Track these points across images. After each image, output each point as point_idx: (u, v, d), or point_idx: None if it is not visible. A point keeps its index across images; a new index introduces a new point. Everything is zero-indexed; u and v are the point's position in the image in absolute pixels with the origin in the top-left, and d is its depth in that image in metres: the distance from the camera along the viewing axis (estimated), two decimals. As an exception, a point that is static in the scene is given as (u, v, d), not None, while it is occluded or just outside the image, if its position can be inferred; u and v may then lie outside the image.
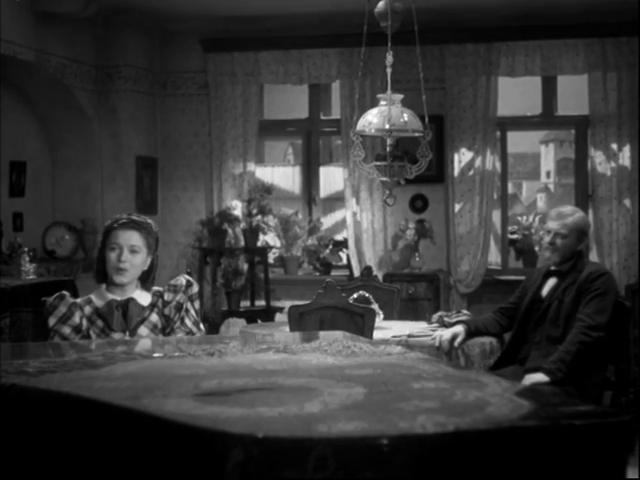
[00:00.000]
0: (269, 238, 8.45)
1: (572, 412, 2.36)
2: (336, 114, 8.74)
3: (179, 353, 3.26)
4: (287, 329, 5.72)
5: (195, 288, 3.95)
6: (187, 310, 3.91)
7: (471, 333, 5.34)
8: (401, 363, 3.07)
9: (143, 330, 3.86)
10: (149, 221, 3.92)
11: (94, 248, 7.95)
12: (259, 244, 8.10)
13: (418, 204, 8.17)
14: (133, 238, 3.82)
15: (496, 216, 8.24)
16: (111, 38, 8.09)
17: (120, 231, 3.82)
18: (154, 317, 3.89)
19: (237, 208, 8.04)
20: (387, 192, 5.80)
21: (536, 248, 8.28)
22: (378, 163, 5.75)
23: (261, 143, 8.70)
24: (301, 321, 5.14)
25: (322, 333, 3.85)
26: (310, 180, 8.69)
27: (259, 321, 7.91)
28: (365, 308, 5.17)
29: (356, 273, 8.08)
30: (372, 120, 5.70)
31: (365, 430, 2.15)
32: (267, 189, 7.92)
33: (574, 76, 8.00)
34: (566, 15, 7.72)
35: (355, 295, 5.61)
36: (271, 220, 8.12)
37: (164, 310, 3.89)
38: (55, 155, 8.15)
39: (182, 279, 3.94)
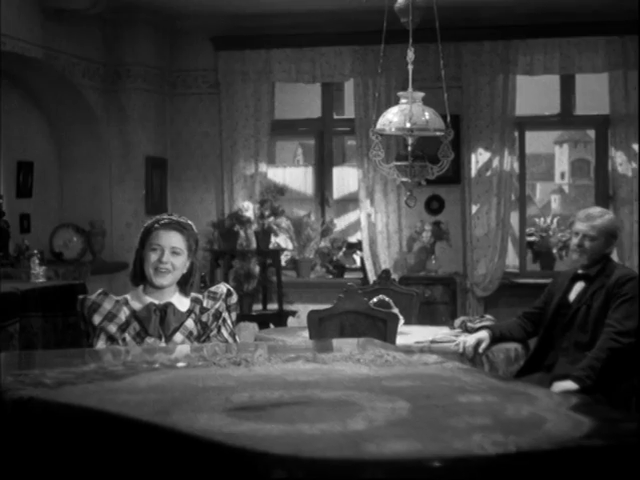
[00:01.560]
0: (281, 240, 8.28)
1: (637, 429, 2.20)
2: (349, 113, 8.57)
3: (203, 362, 3.09)
4: (304, 334, 5.57)
5: (234, 298, 3.81)
6: (224, 320, 3.77)
7: (496, 339, 5.19)
8: (440, 374, 2.91)
9: (178, 336, 3.71)
10: (190, 222, 3.78)
11: (102, 250, 7.80)
12: (271, 246, 7.92)
13: (434, 205, 7.99)
14: (175, 239, 3.67)
15: (514, 218, 8.06)
16: (120, 36, 7.92)
17: (162, 231, 3.66)
18: (190, 323, 3.73)
19: (249, 210, 7.86)
20: (408, 193, 5.63)
21: (554, 250, 8.11)
22: (398, 163, 5.59)
23: (272, 143, 8.51)
24: (321, 327, 4.97)
25: (349, 340, 3.68)
26: (323, 181, 8.51)
27: (271, 325, 7.74)
28: (388, 313, 5.00)
29: (370, 276, 7.91)
30: (392, 119, 5.54)
31: (419, 451, 1.99)
32: (280, 190, 7.75)
33: (592, 75, 7.83)
34: (586, 12, 7.54)
35: (375, 299, 5.43)
36: (284, 222, 7.95)
37: (201, 317, 3.75)
38: (63, 155, 7.98)
39: (223, 287, 3.81)
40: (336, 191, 8.59)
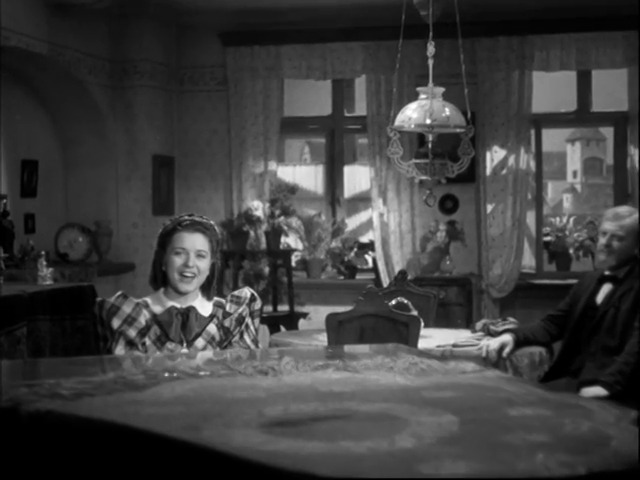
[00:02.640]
0: (291, 240, 8.10)
1: None
2: (360, 111, 8.39)
3: (228, 371, 2.91)
4: (321, 338, 5.40)
5: (258, 304, 3.65)
6: (247, 325, 3.59)
7: (519, 343, 5.03)
8: (482, 383, 2.74)
9: (200, 342, 3.53)
10: (212, 222, 3.61)
11: (108, 251, 7.62)
12: (280, 247, 7.74)
13: (448, 205, 7.81)
14: (199, 242, 3.48)
15: (530, 217, 7.87)
16: (127, 31, 7.75)
17: (185, 234, 3.47)
18: (212, 328, 3.55)
19: (259, 209, 7.68)
20: (427, 192, 5.46)
21: (570, 251, 7.93)
22: (418, 161, 5.41)
23: (281, 141, 8.31)
24: (340, 330, 4.80)
25: (377, 346, 3.50)
26: (334, 180, 8.33)
27: (282, 327, 7.56)
28: (409, 316, 4.83)
29: (383, 277, 7.74)
30: (412, 115, 5.37)
31: (479, 473, 1.81)
32: (291, 189, 7.57)
33: (609, 70, 7.65)
34: (603, 6, 7.36)
35: (393, 301, 5.25)
36: (295, 222, 7.76)
37: (224, 322, 3.57)
38: (68, 153, 7.80)
39: (247, 291, 3.62)
40: (347, 190, 8.41)
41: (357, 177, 8.51)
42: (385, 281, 7.72)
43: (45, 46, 6.86)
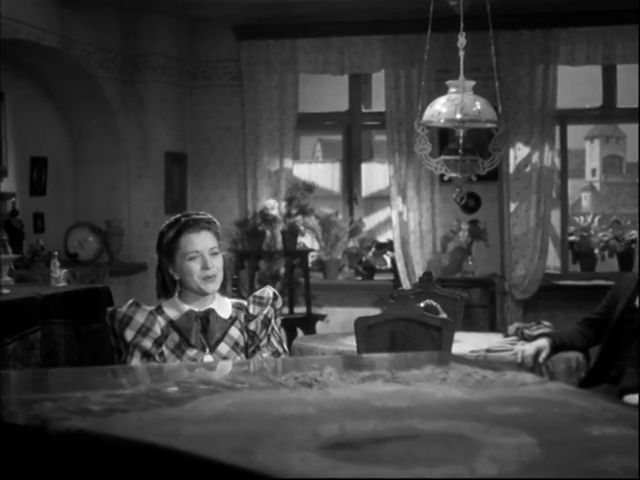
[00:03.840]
0: (307, 240, 7.86)
1: None
2: (377, 107, 8.16)
3: (267, 383, 2.69)
4: (346, 342, 5.20)
5: (280, 302, 3.41)
6: (272, 328, 3.35)
7: (556, 347, 4.81)
8: (549, 398, 2.52)
9: (223, 347, 3.29)
10: (209, 215, 3.36)
11: (119, 251, 7.40)
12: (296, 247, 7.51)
13: (470, 203, 7.56)
14: (209, 239, 3.26)
15: (554, 216, 7.64)
16: (138, 24, 7.54)
17: (193, 235, 3.24)
18: (235, 332, 3.32)
19: (274, 208, 7.45)
20: (457, 190, 5.25)
21: (595, 251, 7.70)
22: (448, 157, 5.20)
23: (297, 138, 8.07)
24: (369, 335, 4.58)
25: (422, 354, 3.28)
26: (351, 178, 8.10)
27: (298, 330, 7.34)
28: (443, 320, 4.61)
29: (402, 277, 7.51)
30: (441, 109, 5.15)
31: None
32: (308, 187, 7.34)
33: (632, 65, 7.42)
34: (631, -1, 7.13)
35: (422, 304, 5.02)
36: (312, 221, 7.53)
37: (248, 325, 3.32)
38: (78, 150, 7.58)
39: (269, 290, 3.38)
40: (364, 188, 8.18)
41: (374, 175, 8.27)
42: (405, 282, 7.50)
43: (56, 39, 6.64)
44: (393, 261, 7.72)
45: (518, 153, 7.45)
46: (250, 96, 7.81)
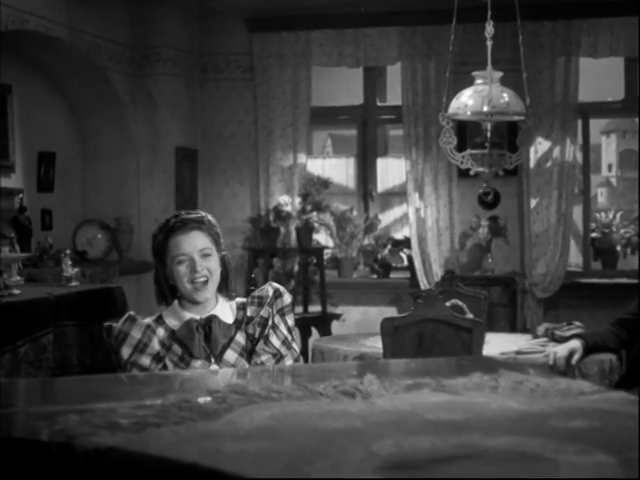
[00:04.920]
0: (320, 237, 7.66)
1: None
2: (392, 100, 7.96)
3: (305, 392, 2.49)
4: (368, 343, 5.02)
5: (286, 299, 3.11)
6: (275, 326, 3.08)
7: (589, 349, 4.61)
8: (616, 409, 2.33)
9: (230, 355, 3.05)
10: (203, 213, 3.09)
11: (129, 249, 7.22)
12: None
13: (483, 199, 7.35)
14: (199, 240, 2.99)
15: (576, 213, 7.44)
16: (148, 16, 7.34)
17: (181, 237, 2.97)
18: (240, 337, 3.07)
19: (288, 204, 7.25)
20: (484, 185, 5.05)
21: (617, 248, 7.50)
22: (474, 151, 5.01)
23: (311, 132, 7.85)
24: (396, 336, 4.38)
25: (465, 359, 3.08)
26: (366, 173, 7.90)
27: (313, 329, 7.15)
28: (473, 321, 4.42)
29: (420, 275, 7.31)
30: (468, 102, 4.95)
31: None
32: (323, 183, 7.14)
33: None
34: (655, -11, 6.93)
35: (447, 304, 4.83)
36: (328, 217, 7.34)
37: (247, 328, 3.08)
38: (86, 145, 7.39)
39: (269, 288, 3.10)
40: (379, 184, 7.98)
41: (390, 170, 8.07)
42: (422, 280, 7.31)
43: (64, 31, 6.45)
44: (410, 259, 7.52)
45: (539, 148, 7.25)
46: (263, 90, 7.62)
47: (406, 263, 7.64)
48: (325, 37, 7.51)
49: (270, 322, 3.06)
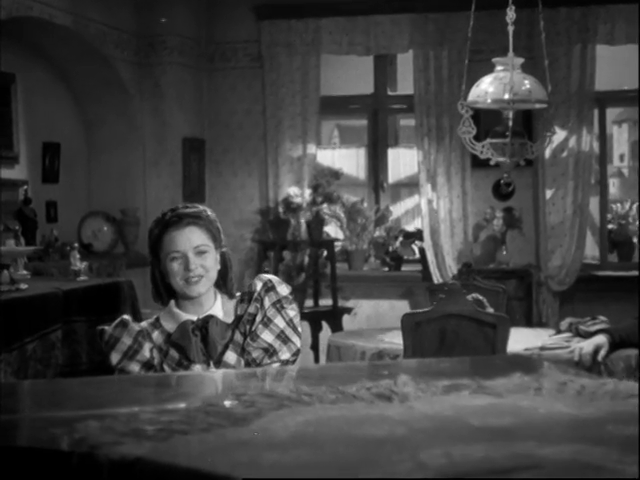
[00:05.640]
0: (330, 229, 7.51)
1: None
2: (403, 89, 7.80)
3: (338, 395, 2.34)
4: (386, 338, 4.87)
5: (282, 290, 2.90)
6: (268, 320, 2.87)
7: (615, 344, 4.48)
8: (674, 414, 2.17)
9: (230, 356, 2.88)
10: (201, 207, 2.93)
11: (135, 241, 7.07)
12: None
13: (503, 190, 7.20)
14: (194, 236, 2.84)
15: (593, 204, 7.28)
16: (154, 3, 7.18)
17: (175, 233, 2.83)
18: (239, 336, 2.90)
19: (298, 196, 7.10)
20: (505, 175, 4.90)
21: (634, 240, 7.35)
22: (495, 140, 4.86)
23: (320, 122, 7.67)
24: (417, 332, 4.24)
25: (499, 358, 2.93)
26: (377, 164, 7.74)
27: (323, 323, 7.01)
28: (497, 316, 4.27)
29: (432, 268, 7.17)
30: (488, 89, 4.80)
31: None
32: (334, 174, 6.98)
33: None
34: (673, -26, 6.77)
35: (468, 298, 4.68)
36: (339, 209, 7.18)
37: (240, 327, 2.91)
38: (91, 136, 7.23)
39: (257, 282, 2.91)
40: (390, 175, 7.82)
41: (401, 161, 7.90)
42: (435, 273, 7.16)
43: (69, 18, 6.29)
44: (422, 251, 7.37)
45: (554, 137, 7.05)
46: (271, 79, 7.45)
47: (418, 256, 7.49)
48: (335, 25, 7.34)
49: (259, 317, 2.88)
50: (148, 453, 1.81)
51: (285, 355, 2.91)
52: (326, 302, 7.08)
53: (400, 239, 7.49)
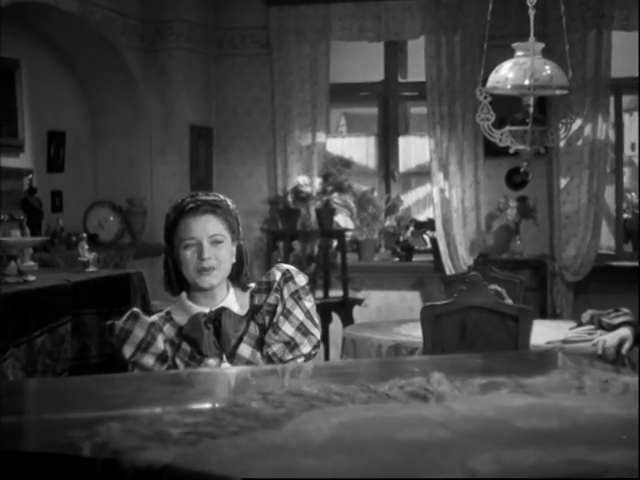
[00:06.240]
0: (340, 219, 7.37)
1: None
2: (413, 76, 7.66)
3: (368, 394, 2.23)
4: (403, 331, 4.74)
5: (300, 280, 2.81)
6: (288, 312, 2.78)
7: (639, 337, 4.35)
8: None
9: (245, 349, 2.78)
10: (222, 197, 2.82)
11: (142, 231, 6.95)
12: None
13: (516, 179, 7.07)
14: (211, 225, 2.73)
15: (608, 193, 7.15)
16: (161, -12, 7.01)
17: (191, 220, 2.72)
18: (253, 328, 2.80)
19: (308, 185, 6.96)
20: (525, 164, 4.77)
21: (648, 229, 7.23)
22: (515, 128, 4.73)
23: (329, 110, 7.52)
24: (437, 325, 4.11)
25: (532, 353, 2.81)
26: (387, 152, 7.61)
27: (333, 315, 6.89)
28: (520, 308, 4.14)
29: (444, 258, 7.04)
30: (508, 75, 4.67)
31: None
32: (345, 163, 6.85)
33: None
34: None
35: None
36: (349, 198, 7.05)
37: (257, 317, 2.80)
38: (97, 124, 7.09)
39: (276, 272, 2.81)
40: (401, 164, 7.68)
41: (412, 149, 7.76)
42: (447, 263, 7.04)
43: (75, 4, 6.14)
44: (433, 241, 7.24)
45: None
46: (280, 66, 7.31)
47: (429, 246, 7.36)
48: (345, 10, 7.19)
49: (280, 308, 2.78)
50: (176, 459, 1.70)
51: (306, 348, 2.81)
52: (336, 293, 6.96)
53: (411, 229, 7.36)
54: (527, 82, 4.58)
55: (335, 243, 6.98)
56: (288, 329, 2.78)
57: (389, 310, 7.19)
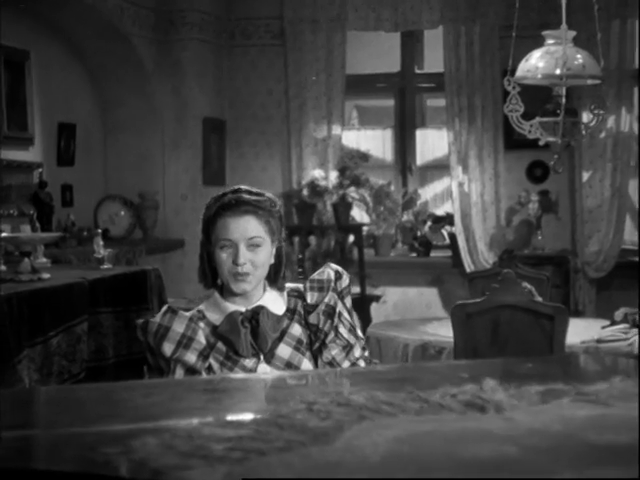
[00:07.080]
0: (356, 213, 7.21)
1: None
2: (430, 67, 7.49)
3: (420, 403, 2.06)
4: (429, 330, 4.59)
5: (346, 280, 2.70)
6: (340, 314, 2.67)
7: (675, 336, 4.19)
8: None
9: (284, 350, 2.64)
10: (268, 195, 2.65)
11: (154, 226, 6.80)
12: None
13: (537, 172, 6.91)
14: (251, 227, 2.57)
15: (632, 187, 6.98)
16: (174, -24, 6.85)
17: (230, 219, 2.56)
18: (296, 329, 2.66)
19: (324, 179, 6.80)
20: (555, 156, 4.61)
21: (671, 224, 7.06)
22: (545, 119, 4.56)
23: (344, 102, 7.34)
24: (468, 324, 3.95)
25: (582, 356, 2.65)
26: (404, 145, 7.44)
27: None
28: (555, 307, 3.98)
29: (463, 254, 6.88)
30: (538, 64, 4.50)
31: None
32: (363, 156, 6.68)
33: None
34: None
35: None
36: (365, 192, 6.88)
37: (308, 318, 2.66)
38: (108, 116, 6.94)
39: (329, 271, 2.68)
40: (418, 157, 7.52)
41: (429, 142, 7.59)
42: (466, 259, 6.88)
43: (87, -8, 5.98)
44: (452, 236, 7.08)
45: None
46: (294, 57, 7.15)
47: (448, 241, 7.20)
48: (361, 0, 7.03)
49: (337, 309, 2.65)
50: (224, 480, 1.53)
51: (358, 352, 2.73)
52: (353, 290, 6.78)
53: (429, 224, 7.20)
54: (559, 71, 4.42)
55: (352, 238, 6.82)
56: (344, 332, 2.67)
57: (407, 307, 7.04)
